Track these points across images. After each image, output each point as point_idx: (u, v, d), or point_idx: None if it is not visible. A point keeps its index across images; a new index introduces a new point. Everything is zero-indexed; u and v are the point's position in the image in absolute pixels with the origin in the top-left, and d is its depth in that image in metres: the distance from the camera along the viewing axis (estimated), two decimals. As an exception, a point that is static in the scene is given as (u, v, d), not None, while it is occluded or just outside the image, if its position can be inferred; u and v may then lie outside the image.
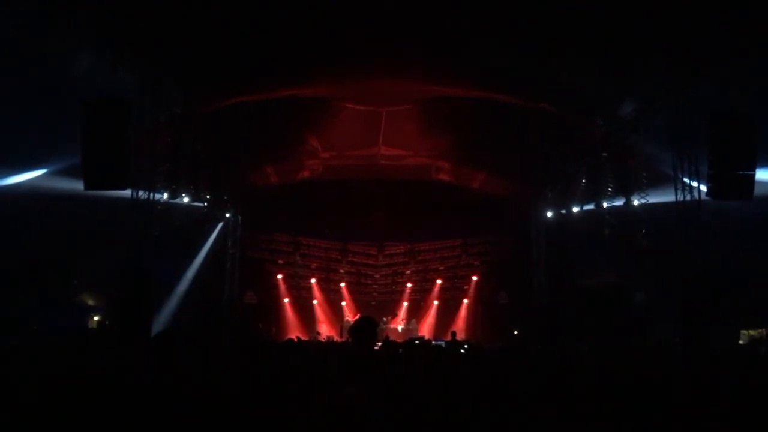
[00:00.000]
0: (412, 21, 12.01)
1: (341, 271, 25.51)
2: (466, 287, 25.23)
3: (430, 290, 25.58)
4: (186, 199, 17.31)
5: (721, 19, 10.45)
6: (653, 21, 10.88)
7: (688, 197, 13.37)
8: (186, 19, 11.30)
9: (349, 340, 5.23)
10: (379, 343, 9.01)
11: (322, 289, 25.50)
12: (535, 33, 11.99)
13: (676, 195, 13.58)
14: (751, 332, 17.78)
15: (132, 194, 13.32)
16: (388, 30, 12.17)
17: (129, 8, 10.76)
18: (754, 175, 12.24)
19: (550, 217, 21.63)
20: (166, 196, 15.85)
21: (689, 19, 10.52)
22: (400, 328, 24.35)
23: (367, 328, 5.19)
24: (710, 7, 10.26)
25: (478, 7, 11.52)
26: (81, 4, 10.56)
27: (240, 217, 22.76)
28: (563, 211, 20.30)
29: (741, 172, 12.22)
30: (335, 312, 25.45)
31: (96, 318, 20.19)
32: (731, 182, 12.29)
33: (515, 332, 21.39)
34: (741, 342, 16.70)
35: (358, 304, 25.10)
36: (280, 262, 24.80)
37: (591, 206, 18.19)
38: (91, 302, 20.46)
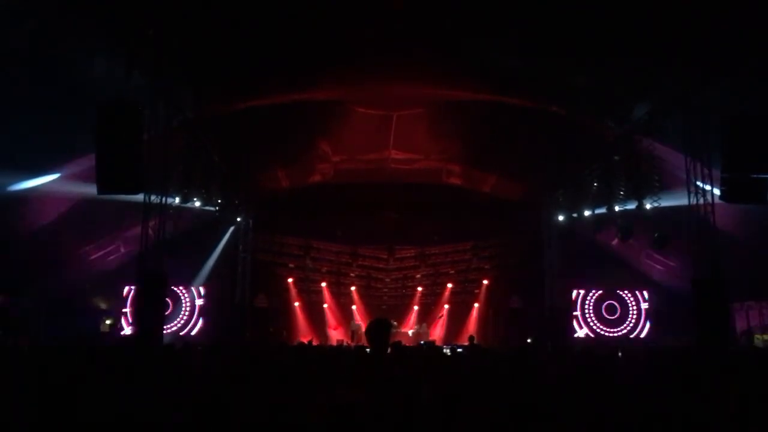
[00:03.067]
0: (423, 24, 12.02)
1: (352, 274, 25.48)
2: (476, 291, 25.12)
3: (440, 294, 25.51)
4: (197, 203, 17.41)
5: (734, 22, 10.39)
6: (666, 23, 10.83)
7: (701, 200, 13.29)
8: (199, 23, 11.38)
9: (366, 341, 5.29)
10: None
11: (333, 293, 25.49)
12: (547, 36, 11.96)
13: (689, 198, 13.50)
14: (765, 336, 17.65)
15: (144, 198, 13.39)
16: (398, 33, 12.18)
17: (142, 12, 10.83)
18: (767, 179, 12.14)
19: (562, 221, 21.55)
20: (178, 200, 15.96)
21: (702, 22, 10.47)
22: (410, 332, 24.29)
23: (381, 329, 5.25)
24: (723, 10, 10.20)
25: (489, 10, 11.51)
26: (94, 9, 10.64)
27: (251, 221, 22.83)
28: (575, 215, 20.22)
29: (754, 176, 12.13)
30: (346, 316, 25.45)
31: (108, 321, 20.31)
32: (744, 186, 12.19)
33: (528, 340, 21.27)
34: (755, 346, 16.60)
35: (369, 308, 25.05)
36: (291, 265, 24.82)
37: (603, 210, 18.11)
38: (103, 306, 20.57)
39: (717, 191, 12.80)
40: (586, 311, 21.78)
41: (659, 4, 10.59)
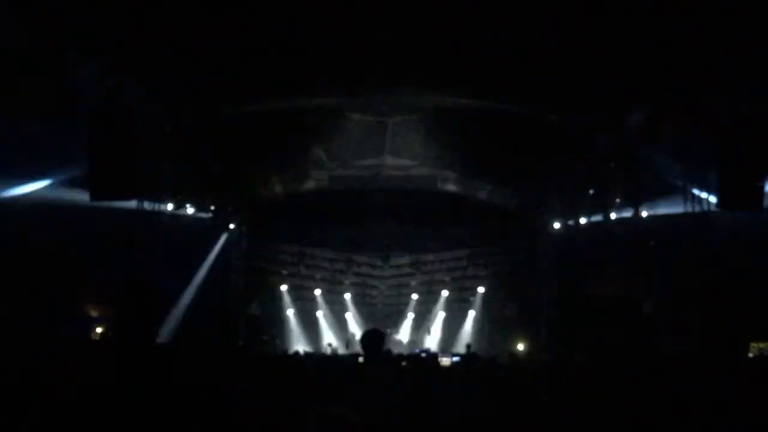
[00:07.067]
0: (419, 31, 11.99)
1: (346, 282, 25.39)
2: (472, 298, 25.07)
3: (435, 302, 25.43)
4: (191, 210, 17.30)
5: (734, 26, 10.37)
6: (662, 27, 10.81)
7: (698, 208, 13.25)
8: (194, 27, 11.29)
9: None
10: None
11: (327, 301, 25.37)
12: (542, 42, 11.93)
13: (685, 206, 13.47)
14: (761, 344, 17.58)
15: (138, 205, 13.29)
16: (394, 40, 12.14)
17: (137, 17, 10.73)
18: (764, 186, 12.09)
19: (558, 228, 21.50)
20: (171, 206, 15.85)
21: (700, 26, 10.45)
22: (405, 340, 24.19)
23: (375, 337, 5.22)
24: (722, 14, 10.18)
25: (483, 16, 11.48)
26: (89, 13, 10.55)
27: (244, 228, 22.71)
28: (571, 222, 20.17)
29: (751, 183, 12.08)
30: (340, 323, 25.31)
31: (99, 329, 20.10)
32: (741, 193, 12.14)
33: (519, 347, 21.15)
34: (750, 354, 16.52)
35: (363, 315, 24.96)
36: (285, 272, 24.72)
37: (599, 217, 18.07)
38: (94, 313, 20.36)
39: (714, 199, 12.76)
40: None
41: (656, 8, 10.56)
